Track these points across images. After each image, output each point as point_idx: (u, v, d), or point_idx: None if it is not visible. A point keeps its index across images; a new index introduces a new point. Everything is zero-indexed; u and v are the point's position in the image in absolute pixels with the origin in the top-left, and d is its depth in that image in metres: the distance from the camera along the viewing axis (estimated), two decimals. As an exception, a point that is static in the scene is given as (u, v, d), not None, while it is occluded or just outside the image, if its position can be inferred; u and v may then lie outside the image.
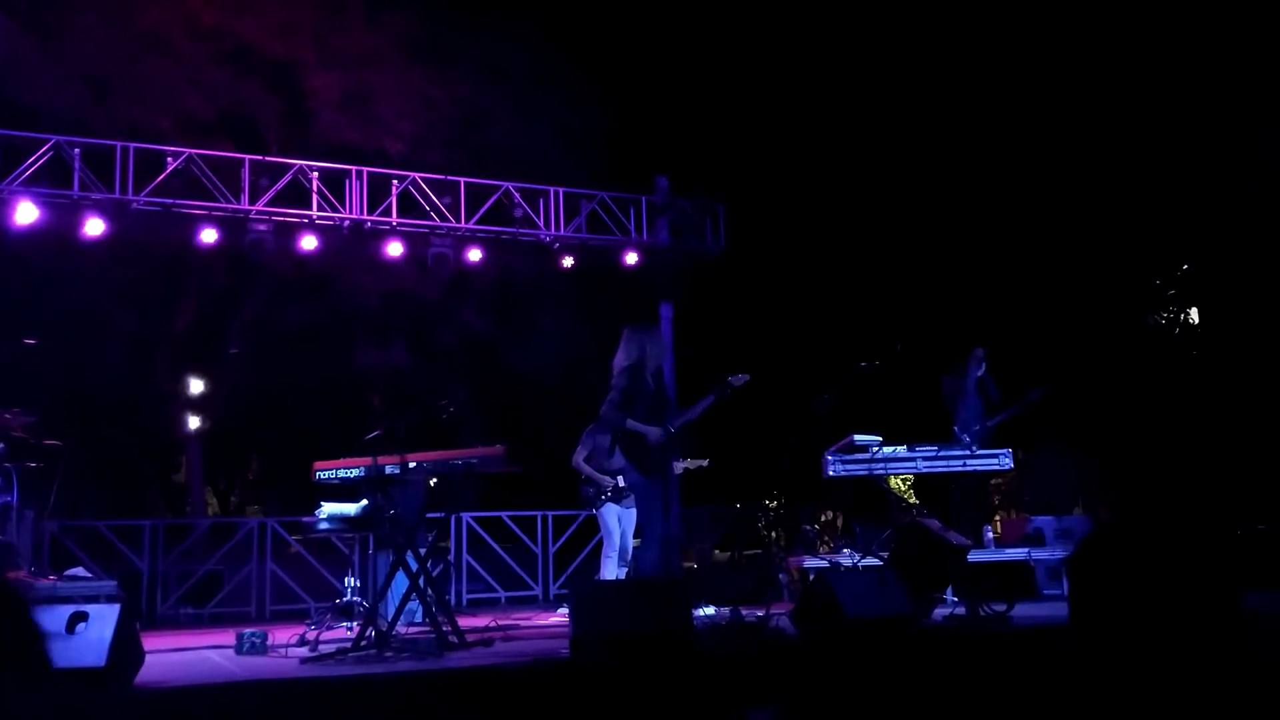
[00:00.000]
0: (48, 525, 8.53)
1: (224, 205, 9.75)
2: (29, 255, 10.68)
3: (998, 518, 13.71)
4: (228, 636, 6.25)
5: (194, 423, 15.93)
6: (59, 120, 10.08)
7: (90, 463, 14.51)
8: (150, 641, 6.69)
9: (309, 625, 6.70)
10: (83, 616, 4.23)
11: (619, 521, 7.72)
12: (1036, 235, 16.09)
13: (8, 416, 6.86)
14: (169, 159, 9.53)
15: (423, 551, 6.12)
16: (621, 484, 7.52)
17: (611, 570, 7.62)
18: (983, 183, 16.28)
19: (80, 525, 9.85)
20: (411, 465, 5.78)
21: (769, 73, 16.45)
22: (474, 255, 10.80)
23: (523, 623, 7.69)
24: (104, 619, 4.27)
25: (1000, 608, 6.39)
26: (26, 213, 8.90)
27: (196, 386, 16.53)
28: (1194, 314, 17.85)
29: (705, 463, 8.49)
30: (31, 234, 9.13)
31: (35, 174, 8.99)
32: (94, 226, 9.23)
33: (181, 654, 6.09)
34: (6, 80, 10.77)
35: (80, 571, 7.41)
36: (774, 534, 14.52)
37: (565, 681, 4.64)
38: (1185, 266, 17.45)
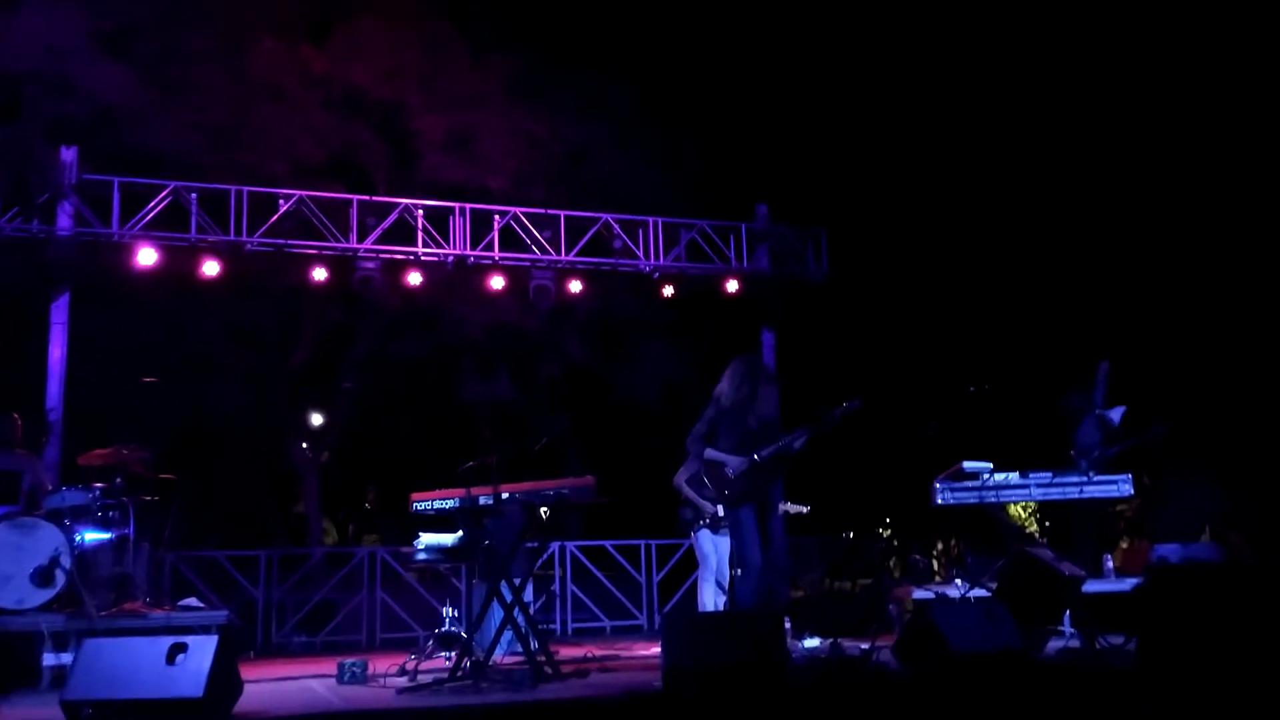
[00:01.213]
0: (166, 556, 8.84)
1: (333, 245, 10.06)
2: (149, 297, 11.20)
3: (1122, 545, 13.10)
4: (333, 665, 6.35)
5: (310, 455, 16.41)
6: (177, 166, 10.56)
7: (212, 495, 15.03)
8: (259, 670, 6.88)
9: (411, 655, 6.77)
10: (182, 648, 4.33)
11: (714, 548, 7.55)
12: (1160, 249, 15.41)
13: (125, 452, 7.13)
14: (281, 201, 9.89)
15: (518, 581, 6.12)
16: (721, 512, 7.38)
17: (709, 596, 7.46)
18: (1101, 198, 15.71)
19: (199, 555, 10.20)
20: (505, 496, 5.80)
21: (871, 94, 16.23)
22: (574, 286, 10.90)
23: (622, 653, 7.64)
24: (203, 650, 4.37)
25: (1118, 640, 6.06)
26: (146, 256, 9.33)
27: (313, 420, 17.05)
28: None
29: (806, 509, 8.30)
30: (151, 276, 9.56)
31: (155, 219, 9.41)
32: (210, 268, 9.63)
33: (284, 684, 6.21)
34: (128, 129, 11.35)
35: (193, 601, 7.63)
36: (890, 563, 14.18)
37: (655, 715, 4.56)
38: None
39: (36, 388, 9.01)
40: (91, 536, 6.91)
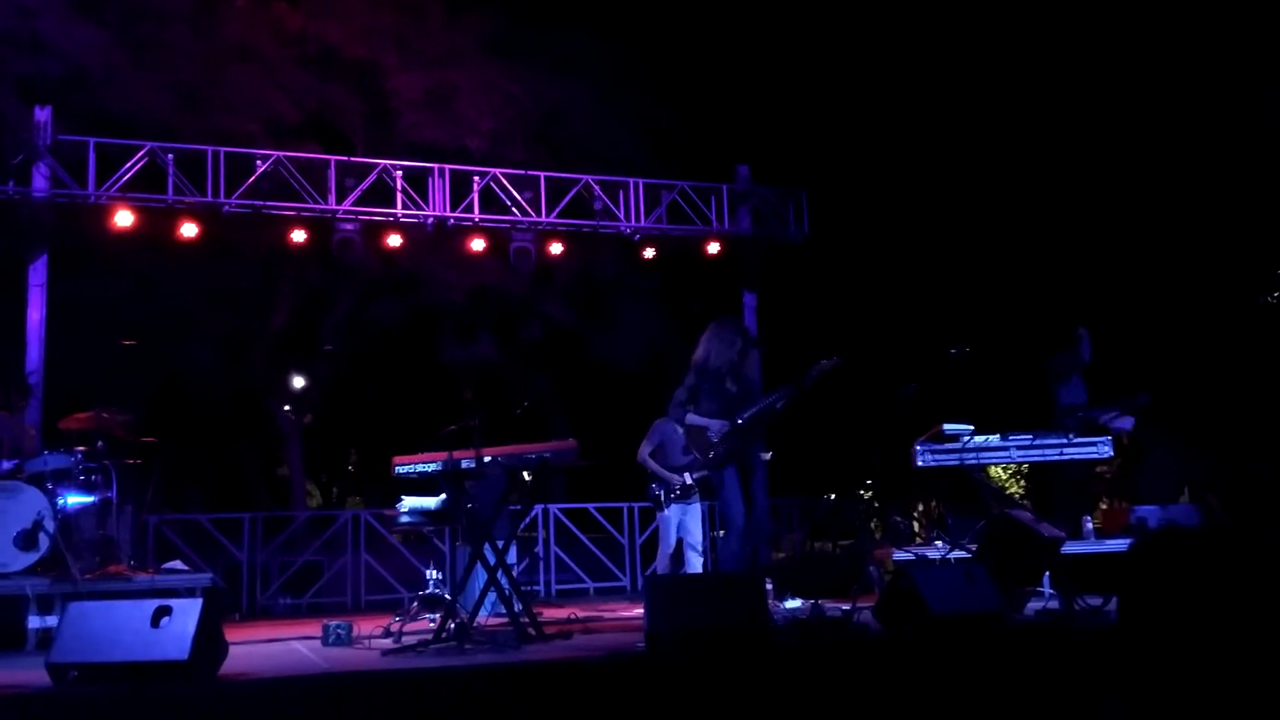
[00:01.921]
0: (150, 519, 8.83)
1: (312, 206, 9.95)
2: (127, 259, 11.08)
3: (1102, 506, 13.25)
4: (318, 627, 6.38)
5: (293, 417, 16.37)
6: (152, 128, 10.40)
7: (195, 458, 15.01)
8: (244, 632, 6.91)
9: (396, 616, 6.81)
10: (167, 611, 4.34)
11: (678, 526, 7.56)
12: (1139, 213, 15.48)
13: (106, 415, 7.09)
14: (258, 162, 9.77)
15: (500, 544, 6.15)
16: (689, 481, 7.41)
17: (665, 573, 7.51)
18: (1082, 159, 15.73)
19: (183, 519, 10.18)
20: (486, 459, 5.81)
21: (850, 54, 16.14)
22: (555, 249, 10.85)
23: (605, 614, 7.71)
24: (188, 613, 4.37)
25: (1096, 601, 6.15)
26: (124, 218, 9.22)
27: (295, 382, 17.00)
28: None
29: (768, 455, 8.35)
30: (128, 238, 9.46)
31: (131, 180, 9.30)
32: (188, 229, 9.52)
33: (270, 645, 6.24)
34: (102, 91, 11.18)
35: (178, 565, 7.64)
36: (871, 524, 14.30)
37: (638, 677, 4.61)
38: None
39: (16, 351, 8.93)
40: (74, 500, 6.89)
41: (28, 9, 10.87)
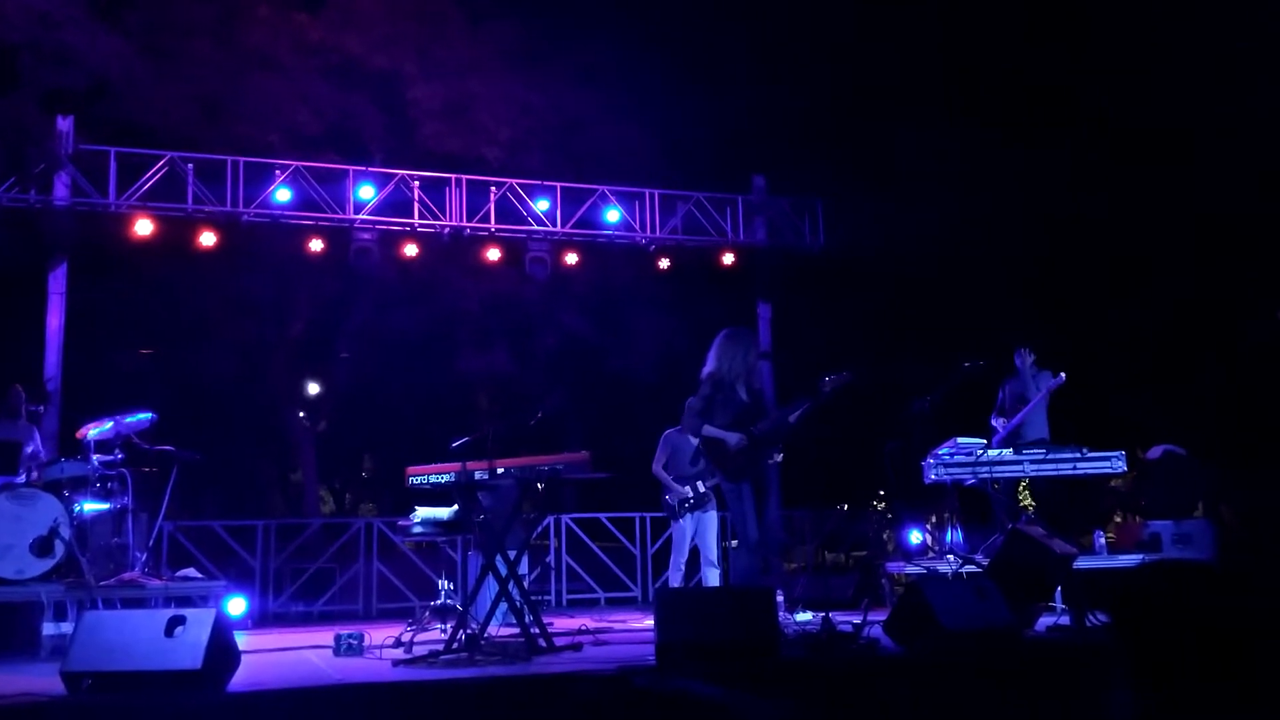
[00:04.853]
0: (164, 526, 8.89)
1: (330, 216, 10.03)
2: (147, 267, 11.18)
3: (1115, 520, 13.17)
4: (329, 636, 6.40)
5: (307, 424, 16.46)
6: (173, 137, 10.53)
7: (210, 465, 15.08)
8: (257, 640, 6.94)
9: (408, 625, 6.83)
10: (181, 620, 4.38)
11: (692, 536, 7.56)
12: (1153, 227, 15.41)
13: (123, 423, 7.14)
14: (277, 171, 9.86)
15: (512, 554, 6.17)
16: (702, 489, 7.42)
17: (678, 583, 7.51)
18: (1096, 175, 15.67)
19: (197, 526, 10.24)
20: (499, 471, 5.83)
21: (868, 65, 16.13)
22: (571, 258, 10.88)
23: (616, 626, 7.70)
24: (201, 623, 4.41)
25: (1108, 617, 6.12)
26: (143, 226, 9.32)
27: (311, 389, 17.09)
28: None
29: (779, 456, 8.31)
30: (148, 247, 9.56)
31: (151, 189, 9.39)
32: (207, 238, 9.61)
33: (282, 654, 6.27)
34: (124, 100, 11.30)
35: (191, 572, 7.68)
36: (884, 537, 14.26)
37: (648, 689, 4.61)
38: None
39: (35, 358, 9.02)
40: (90, 507, 6.96)
41: (52, 20, 11.00)
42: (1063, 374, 8.79)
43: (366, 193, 10.12)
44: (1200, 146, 14.73)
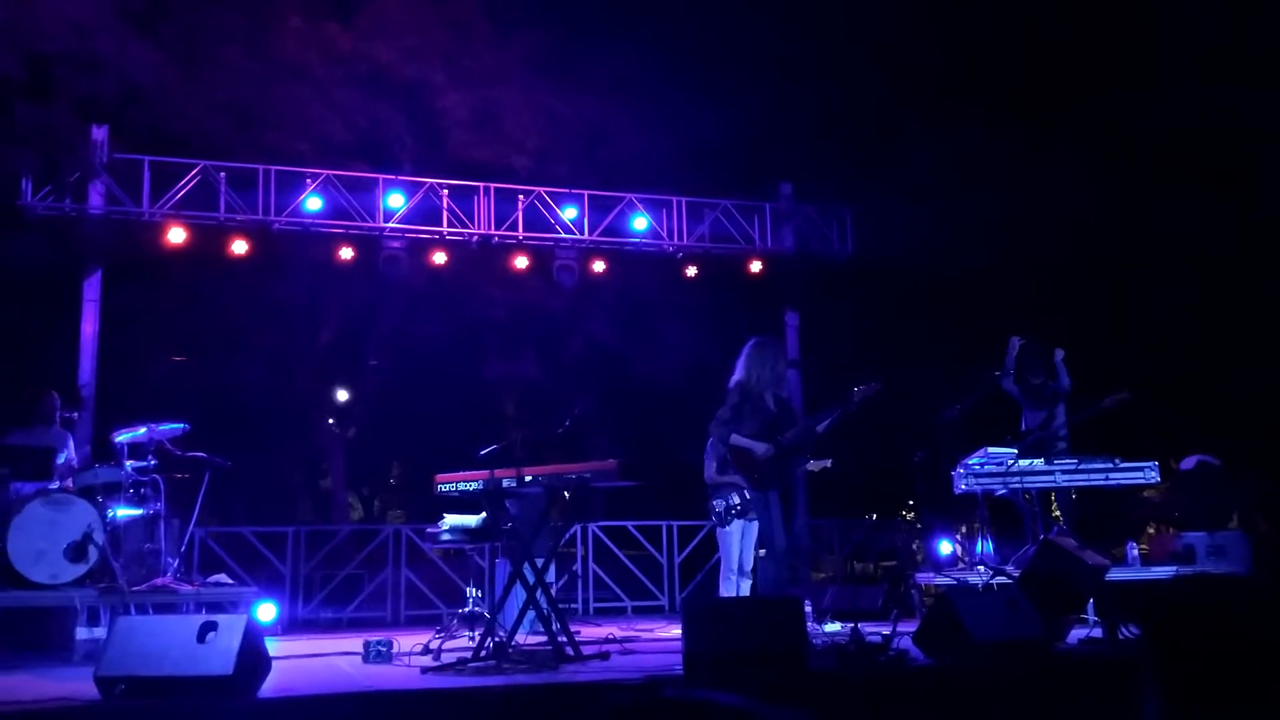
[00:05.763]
0: (196, 533, 8.96)
1: (360, 224, 10.10)
2: (179, 275, 11.31)
3: (1149, 532, 13.02)
4: (359, 642, 6.43)
5: (336, 431, 16.57)
6: (205, 146, 10.63)
7: (240, 472, 15.20)
8: (286, 646, 6.98)
9: (437, 632, 6.85)
10: (213, 626, 4.41)
11: (741, 538, 7.51)
12: (1190, 232, 15.25)
13: (156, 429, 7.21)
14: (308, 180, 9.94)
15: (540, 562, 6.17)
16: (749, 496, 7.37)
17: (731, 591, 7.46)
18: (1130, 181, 15.54)
19: (228, 532, 10.32)
20: (527, 479, 5.84)
21: (896, 72, 16.09)
22: (598, 266, 10.90)
23: (643, 635, 7.69)
24: (233, 629, 4.44)
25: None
26: (176, 235, 9.42)
27: (340, 396, 17.20)
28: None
29: (829, 463, 8.25)
30: (180, 254, 9.66)
31: (184, 198, 9.50)
32: (239, 246, 9.71)
33: (311, 660, 6.30)
34: (156, 109, 11.45)
35: (222, 577, 7.74)
36: (913, 547, 14.18)
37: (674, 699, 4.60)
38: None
39: (69, 364, 9.13)
40: (124, 513, 7.02)
41: (86, 29, 11.15)
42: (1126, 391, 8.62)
43: (396, 201, 10.19)
44: (1245, 151, 14.57)
